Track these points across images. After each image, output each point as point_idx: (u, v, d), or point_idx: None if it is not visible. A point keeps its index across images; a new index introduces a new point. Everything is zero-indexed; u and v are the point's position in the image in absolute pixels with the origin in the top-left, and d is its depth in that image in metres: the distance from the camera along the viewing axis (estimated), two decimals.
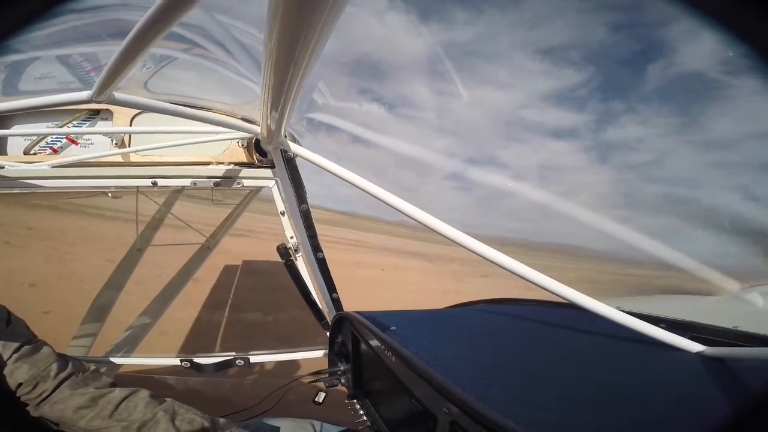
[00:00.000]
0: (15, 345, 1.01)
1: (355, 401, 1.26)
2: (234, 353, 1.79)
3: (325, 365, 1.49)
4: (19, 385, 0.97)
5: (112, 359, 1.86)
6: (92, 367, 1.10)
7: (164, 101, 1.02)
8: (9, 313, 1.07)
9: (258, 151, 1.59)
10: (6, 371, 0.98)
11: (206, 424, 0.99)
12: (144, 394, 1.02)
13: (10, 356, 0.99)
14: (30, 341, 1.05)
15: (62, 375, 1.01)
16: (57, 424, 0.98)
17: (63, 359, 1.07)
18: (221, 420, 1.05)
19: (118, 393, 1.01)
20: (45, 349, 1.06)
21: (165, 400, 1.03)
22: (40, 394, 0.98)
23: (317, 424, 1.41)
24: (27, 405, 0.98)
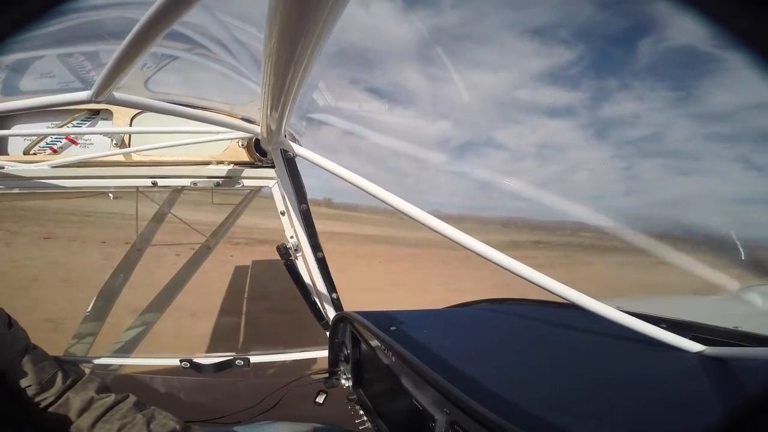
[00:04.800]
0: (18, 348, 1.04)
1: (355, 401, 1.26)
2: (234, 353, 1.79)
3: (325, 365, 1.49)
4: (24, 389, 0.99)
5: (112, 360, 1.86)
6: (87, 370, 1.13)
7: (164, 101, 1.03)
8: (9, 317, 1.09)
9: (258, 151, 1.59)
10: (11, 374, 0.99)
11: (178, 428, 1.05)
12: (132, 399, 1.08)
13: (14, 359, 1.01)
14: (29, 345, 1.07)
15: (68, 382, 1.05)
16: (59, 428, 1.00)
17: (65, 365, 1.10)
18: (195, 426, 1.12)
19: (111, 398, 1.06)
20: (47, 356, 1.10)
21: (149, 407, 1.09)
22: (45, 398, 1.01)
23: (319, 427, 1.41)
24: (31, 408, 1.00)
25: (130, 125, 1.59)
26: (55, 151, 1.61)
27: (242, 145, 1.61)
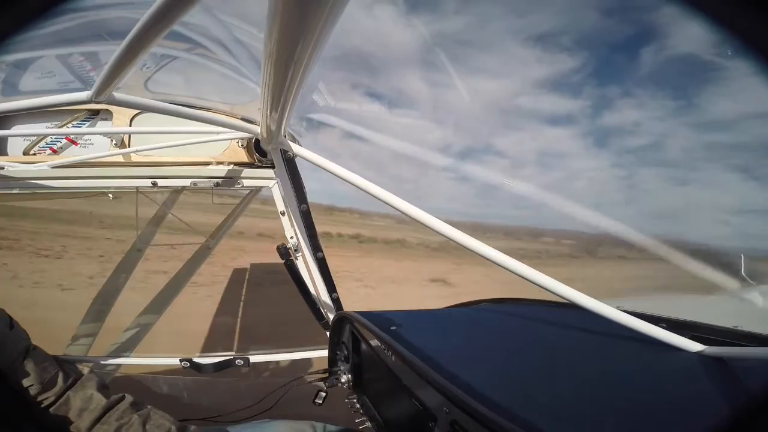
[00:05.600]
0: (19, 349, 1.04)
1: (355, 401, 1.26)
2: (233, 353, 1.79)
3: (325, 365, 1.49)
4: (26, 388, 1.00)
5: (112, 360, 1.86)
6: (86, 370, 1.14)
7: (164, 101, 1.02)
8: (10, 318, 1.10)
9: (258, 151, 1.59)
10: (12, 374, 1.00)
11: (173, 428, 1.07)
12: (128, 400, 1.09)
13: (15, 359, 1.01)
14: (30, 346, 1.08)
15: (69, 381, 1.06)
16: (60, 427, 1.01)
17: (65, 365, 1.11)
18: (192, 427, 1.13)
19: (109, 399, 1.06)
20: (47, 355, 1.10)
21: (146, 407, 1.10)
22: (47, 398, 1.02)
23: (318, 425, 1.41)
24: (32, 408, 1.00)
25: (130, 125, 1.59)
26: (54, 152, 1.61)
27: (242, 145, 1.61)
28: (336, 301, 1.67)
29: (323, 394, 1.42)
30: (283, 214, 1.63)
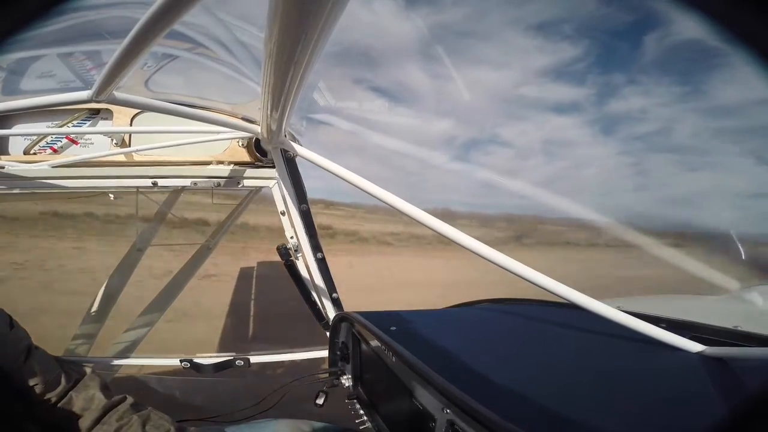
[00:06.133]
0: (21, 348, 1.05)
1: (355, 401, 1.26)
2: (234, 353, 1.79)
3: (325, 365, 1.49)
4: (30, 388, 1.01)
5: (113, 360, 1.86)
6: (89, 370, 1.14)
7: (165, 100, 1.03)
8: (10, 317, 1.10)
9: (258, 151, 1.59)
10: (15, 374, 1.00)
11: (172, 429, 1.08)
12: (129, 401, 1.10)
13: (17, 359, 1.02)
14: (31, 345, 1.08)
15: (71, 381, 1.07)
16: (62, 427, 1.01)
17: (67, 365, 1.12)
18: (191, 428, 1.15)
19: (110, 400, 1.07)
20: (49, 355, 1.11)
21: (146, 408, 1.11)
22: (50, 398, 1.02)
23: (318, 425, 1.41)
24: (35, 407, 1.01)
25: (131, 125, 1.59)
26: (55, 151, 1.61)
27: (242, 144, 1.61)
28: (336, 302, 1.67)
29: (324, 395, 1.41)
30: (283, 214, 1.62)
